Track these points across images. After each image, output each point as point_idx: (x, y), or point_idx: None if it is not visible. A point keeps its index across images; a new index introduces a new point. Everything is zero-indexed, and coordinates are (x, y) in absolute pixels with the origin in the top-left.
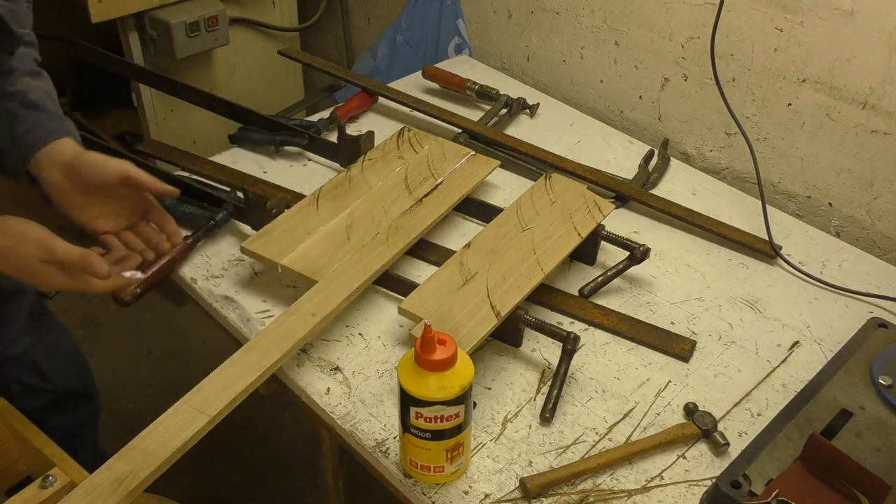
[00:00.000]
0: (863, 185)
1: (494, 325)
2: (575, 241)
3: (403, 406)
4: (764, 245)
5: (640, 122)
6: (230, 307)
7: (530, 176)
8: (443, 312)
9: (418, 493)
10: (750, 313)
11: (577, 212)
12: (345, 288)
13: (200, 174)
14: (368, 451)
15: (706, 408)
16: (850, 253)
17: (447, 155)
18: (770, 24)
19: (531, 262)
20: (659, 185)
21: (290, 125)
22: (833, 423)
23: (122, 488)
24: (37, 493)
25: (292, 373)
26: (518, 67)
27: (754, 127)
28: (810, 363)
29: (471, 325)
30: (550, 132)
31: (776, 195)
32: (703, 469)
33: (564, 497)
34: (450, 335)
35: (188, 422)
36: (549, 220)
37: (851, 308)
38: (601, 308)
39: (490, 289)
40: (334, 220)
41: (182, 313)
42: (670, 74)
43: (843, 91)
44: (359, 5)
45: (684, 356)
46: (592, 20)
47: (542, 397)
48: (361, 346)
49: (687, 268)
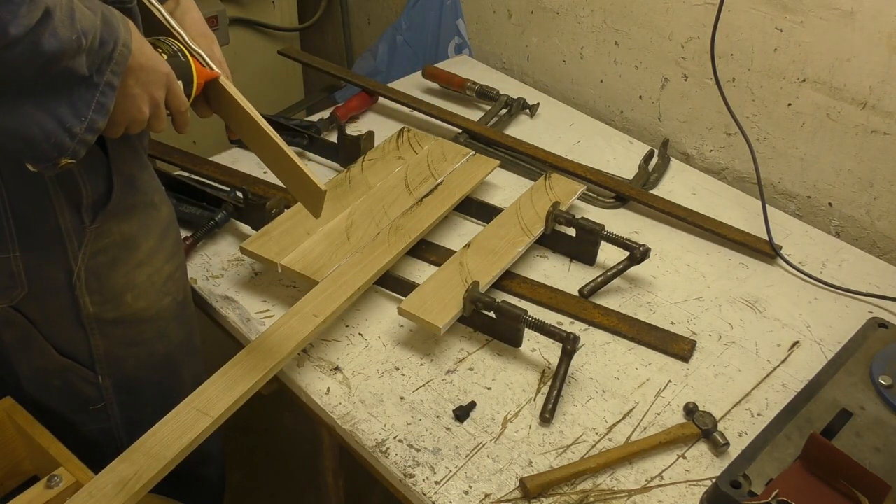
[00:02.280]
0: (863, 185)
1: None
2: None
3: None
4: (764, 245)
5: (640, 122)
6: (230, 307)
7: (530, 176)
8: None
9: (418, 493)
10: (750, 313)
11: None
12: (346, 289)
13: (200, 174)
14: (368, 451)
15: (706, 408)
16: (850, 253)
17: (447, 155)
18: (770, 24)
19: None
20: (659, 185)
21: (290, 125)
22: (833, 423)
23: (126, 490)
24: (42, 493)
25: (292, 373)
26: (518, 67)
27: (754, 127)
28: (810, 363)
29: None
30: (550, 132)
31: (776, 195)
32: (703, 469)
33: (564, 497)
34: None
35: (191, 423)
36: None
37: (851, 308)
38: (601, 308)
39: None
40: (334, 220)
41: None
42: (670, 74)
43: (843, 91)
44: (359, 5)
45: (684, 356)
46: (592, 20)
47: (542, 397)
48: (361, 346)
49: (687, 268)
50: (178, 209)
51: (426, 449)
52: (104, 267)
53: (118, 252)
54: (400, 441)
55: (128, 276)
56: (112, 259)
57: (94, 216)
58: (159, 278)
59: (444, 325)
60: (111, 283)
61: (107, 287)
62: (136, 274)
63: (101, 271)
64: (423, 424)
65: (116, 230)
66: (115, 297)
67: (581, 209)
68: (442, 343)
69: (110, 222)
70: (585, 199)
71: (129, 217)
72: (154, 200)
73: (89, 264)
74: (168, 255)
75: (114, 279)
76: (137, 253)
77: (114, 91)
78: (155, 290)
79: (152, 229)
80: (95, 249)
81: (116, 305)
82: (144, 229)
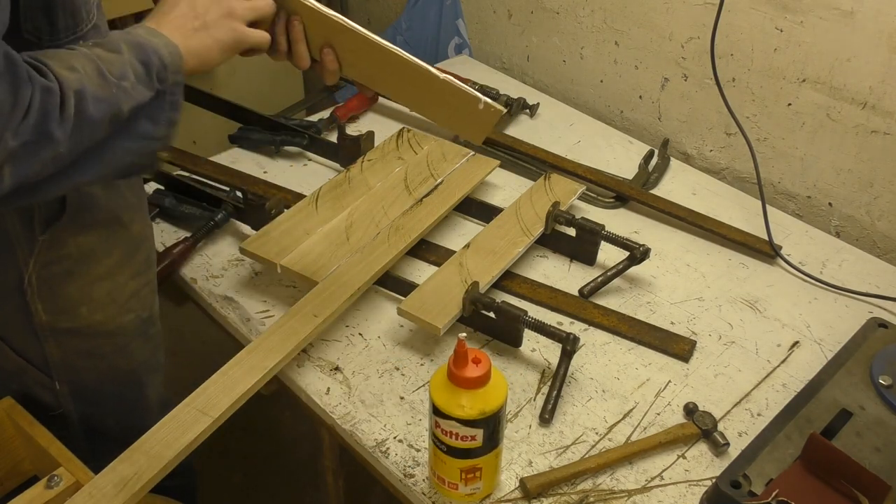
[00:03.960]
0: (863, 185)
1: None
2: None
3: (431, 409)
4: (764, 245)
5: (640, 122)
6: (230, 307)
7: (530, 176)
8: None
9: (418, 493)
10: (750, 313)
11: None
12: (346, 289)
13: (200, 174)
14: (368, 451)
15: (706, 408)
16: (850, 253)
17: (447, 155)
18: (770, 24)
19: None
20: (659, 185)
21: (290, 125)
22: (833, 423)
23: (126, 490)
24: (42, 493)
25: (292, 373)
26: (518, 67)
27: (754, 127)
28: (810, 363)
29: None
30: (550, 132)
31: (776, 195)
32: (703, 469)
33: (564, 497)
34: (486, 355)
35: (191, 423)
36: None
37: (851, 308)
38: (601, 308)
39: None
40: (334, 220)
41: (182, 313)
42: (670, 74)
43: (843, 91)
44: (359, 5)
45: (684, 356)
46: (592, 20)
47: (541, 397)
48: (361, 346)
49: (687, 268)
50: (177, 209)
51: (426, 449)
52: (57, 277)
53: (73, 265)
54: (400, 441)
55: (83, 289)
56: (66, 271)
57: (45, 228)
58: (122, 294)
59: (443, 326)
60: (65, 294)
61: (60, 297)
62: (94, 288)
63: (53, 281)
64: (423, 424)
65: (72, 243)
66: (70, 309)
67: (581, 209)
68: (442, 343)
69: (65, 235)
70: (585, 199)
71: (88, 232)
72: (122, 218)
73: (41, 273)
74: (134, 272)
75: (68, 291)
76: (97, 267)
77: (181, 86)
78: (116, 305)
79: (117, 246)
80: (48, 260)
81: (71, 317)
82: (106, 245)
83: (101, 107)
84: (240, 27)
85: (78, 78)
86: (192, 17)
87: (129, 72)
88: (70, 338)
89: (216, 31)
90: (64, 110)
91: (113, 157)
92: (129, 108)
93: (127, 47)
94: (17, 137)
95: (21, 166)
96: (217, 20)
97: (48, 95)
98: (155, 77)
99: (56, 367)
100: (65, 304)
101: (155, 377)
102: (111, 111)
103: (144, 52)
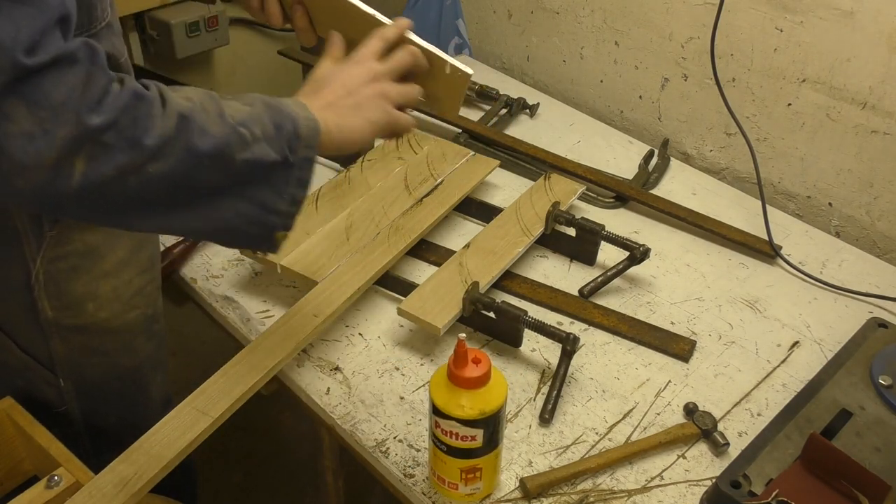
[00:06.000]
0: (863, 185)
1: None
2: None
3: (431, 409)
4: (764, 245)
5: (640, 122)
6: (230, 307)
7: (530, 176)
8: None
9: (418, 493)
10: (750, 313)
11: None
12: (346, 289)
13: None
14: (368, 451)
15: (706, 408)
16: (850, 253)
17: (447, 155)
18: (770, 24)
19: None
20: (659, 185)
21: None
22: (833, 423)
23: (126, 491)
24: (42, 493)
25: (292, 373)
26: (518, 67)
27: (754, 127)
28: (810, 363)
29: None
30: (550, 132)
31: (776, 195)
32: (703, 469)
33: (564, 497)
34: (486, 355)
35: (191, 423)
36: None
37: (851, 308)
38: (601, 308)
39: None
40: (334, 220)
41: (182, 313)
42: (670, 74)
43: (843, 91)
44: None
45: (684, 356)
46: (592, 20)
47: (541, 397)
48: (361, 346)
49: (687, 268)
50: None
51: (426, 449)
52: (63, 273)
53: (79, 261)
54: (400, 441)
55: (89, 285)
56: (72, 267)
57: (53, 224)
58: (127, 291)
59: (443, 326)
60: (71, 290)
61: (66, 294)
62: (100, 284)
63: (60, 277)
64: (423, 424)
65: (79, 239)
66: (75, 305)
67: (581, 209)
68: (442, 343)
69: (71, 231)
70: (585, 199)
71: (94, 229)
72: None
73: (48, 269)
74: (140, 269)
75: (74, 287)
76: (102, 263)
77: (311, 164)
78: (121, 302)
79: (121, 242)
80: (55, 255)
81: (77, 313)
82: (111, 241)
83: (207, 140)
84: (392, 110)
85: (189, 106)
86: (344, 94)
87: (254, 125)
88: (75, 335)
89: (369, 112)
90: (157, 123)
91: (219, 215)
92: (242, 158)
93: (262, 105)
94: (97, 116)
95: (96, 163)
96: (370, 100)
97: (138, 101)
98: (285, 142)
99: (61, 364)
100: (71, 301)
101: (158, 374)
102: (218, 149)
103: (280, 114)
